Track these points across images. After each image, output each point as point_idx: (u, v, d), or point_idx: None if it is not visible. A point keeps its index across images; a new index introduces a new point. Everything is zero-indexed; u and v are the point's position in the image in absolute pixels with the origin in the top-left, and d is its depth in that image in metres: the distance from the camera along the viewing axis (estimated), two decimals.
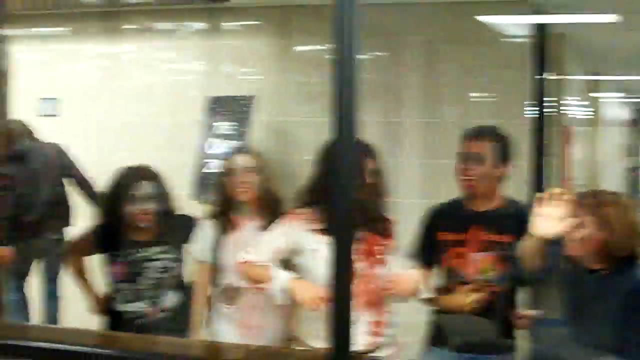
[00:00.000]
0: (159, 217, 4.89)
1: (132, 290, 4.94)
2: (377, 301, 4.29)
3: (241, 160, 4.79)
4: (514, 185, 5.00)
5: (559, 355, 3.78)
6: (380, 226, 4.35)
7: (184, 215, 5.07)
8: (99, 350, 3.85)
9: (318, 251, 4.14)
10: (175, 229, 4.96)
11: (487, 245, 4.24)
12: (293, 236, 4.30)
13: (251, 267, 4.31)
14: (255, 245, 4.38)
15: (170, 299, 5.04)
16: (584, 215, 3.72)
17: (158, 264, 4.93)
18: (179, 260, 4.97)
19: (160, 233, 4.94)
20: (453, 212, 4.42)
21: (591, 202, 3.76)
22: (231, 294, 4.75)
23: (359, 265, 4.14)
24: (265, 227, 4.61)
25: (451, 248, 4.29)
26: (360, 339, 4.11)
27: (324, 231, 4.13)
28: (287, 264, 4.40)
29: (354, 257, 2.79)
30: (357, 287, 4.07)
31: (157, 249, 4.89)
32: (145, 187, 4.88)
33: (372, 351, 4.25)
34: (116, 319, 4.99)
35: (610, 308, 3.66)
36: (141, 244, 4.91)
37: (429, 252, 4.41)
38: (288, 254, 4.36)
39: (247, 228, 4.74)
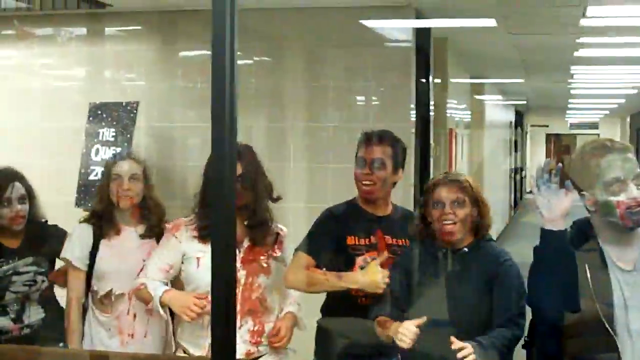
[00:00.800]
0: (29, 222, 4.80)
1: None
2: (259, 310, 4.31)
3: (125, 167, 4.69)
4: (401, 187, 5.07)
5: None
6: (263, 234, 4.35)
7: (55, 225, 4.96)
8: None
9: (202, 258, 4.20)
10: (45, 238, 4.83)
11: (391, 249, 4.26)
12: (179, 245, 4.31)
13: (138, 291, 4.31)
14: (144, 268, 4.36)
15: (35, 313, 4.92)
16: (463, 195, 3.94)
17: (25, 277, 4.80)
18: (46, 273, 4.81)
19: (30, 240, 4.81)
20: (356, 217, 4.37)
21: (457, 184, 3.97)
22: (108, 301, 4.63)
23: (241, 273, 4.22)
24: (145, 235, 4.64)
25: (366, 252, 4.25)
26: (240, 348, 4.16)
27: (206, 238, 4.21)
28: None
29: (236, 265, 2.78)
30: (239, 296, 4.15)
31: (25, 260, 4.75)
32: (18, 189, 4.78)
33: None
34: None
35: (479, 279, 3.87)
36: (9, 254, 4.78)
37: (335, 255, 4.29)
38: (179, 264, 4.34)
39: (127, 235, 4.67)
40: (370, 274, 4.05)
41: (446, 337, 3.71)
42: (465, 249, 3.93)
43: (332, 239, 4.31)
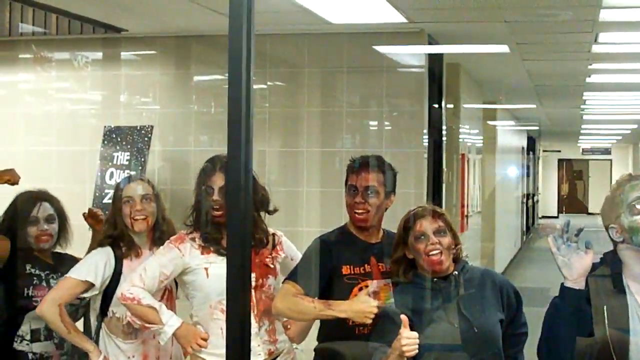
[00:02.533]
0: (60, 238, 4.86)
1: (46, 327, 4.83)
2: (271, 310, 4.34)
3: (136, 188, 4.68)
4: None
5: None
6: (265, 238, 4.44)
7: (71, 255, 4.99)
8: None
9: (209, 269, 4.29)
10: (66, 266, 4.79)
11: (385, 277, 4.24)
12: (182, 259, 4.34)
13: (138, 306, 4.29)
14: (141, 274, 4.34)
15: None
16: (444, 225, 3.94)
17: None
18: (82, 301, 4.79)
19: (62, 258, 4.89)
20: (350, 245, 4.29)
21: (436, 214, 3.97)
22: (131, 329, 4.57)
23: (252, 276, 4.24)
24: None
25: (361, 281, 4.19)
26: (260, 349, 4.32)
27: (212, 250, 4.31)
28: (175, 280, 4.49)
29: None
30: (253, 298, 4.20)
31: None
32: (46, 208, 4.84)
33: (273, 359, 4.38)
34: None
35: (484, 296, 3.92)
36: (45, 266, 4.84)
37: (330, 285, 4.22)
38: (175, 275, 4.40)
39: (145, 256, 4.62)
40: (360, 303, 3.99)
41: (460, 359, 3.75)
42: (456, 272, 3.94)
43: (326, 269, 4.23)
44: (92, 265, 4.58)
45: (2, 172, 4.91)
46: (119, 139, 7.24)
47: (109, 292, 4.59)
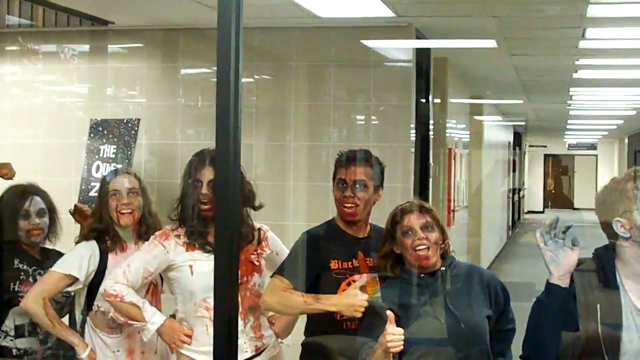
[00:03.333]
0: (50, 233, 4.84)
1: (31, 323, 4.81)
2: (256, 306, 4.36)
3: (123, 181, 4.66)
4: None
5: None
6: (251, 234, 4.43)
7: (56, 250, 4.97)
8: None
9: (193, 266, 4.29)
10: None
11: (372, 271, 4.23)
12: (166, 256, 4.33)
13: (122, 303, 4.28)
14: (125, 270, 4.32)
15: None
16: (432, 220, 3.96)
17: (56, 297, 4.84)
18: (68, 296, 4.79)
19: (49, 254, 4.88)
20: (338, 239, 4.29)
21: (424, 209, 3.99)
22: (116, 324, 4.54)
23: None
24: None
25: (349, 276, 4.17)
26: (247, 346, 4.34)
27: (197, 246, 4.30)
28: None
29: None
30: (239, 295, 4.16)
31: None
32: (37, 202, 4.83)
33: (259, 354, 4.39)
34: None
35: (470, 292, 3.94)
36: (33, 261, 4.82)
37: (318, 279, 4.21)
38: (159, 272, 4.40)
39: (131, 251, 4.60)
40: (349, 297, 3.98)
41: (447, 356, 3.76)
42: (443, 268, 3.94)
43: (314, 263, 4.22)
44: (77, 259, 4.56)
45: (0, 165, 4.89)
46: (105, 132, 7.21)
47: (93, 286, 4.57)
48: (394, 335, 3.60)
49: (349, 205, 4.22)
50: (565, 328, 3.37)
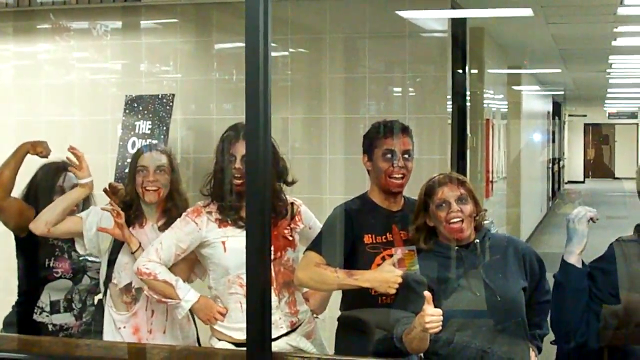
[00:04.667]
0: (84, 209, 4.84)
1: (66, 299, 4.85)
2: (290, 281, 4.34)
3: (150, 158, 4.65)
4: None
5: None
6: (284, 209, 4.40)
7: None
8: (19, 356, 3.79)
9: (226, 242, 4.27)
10: None
11: (407, 244, 4.18)
12: (199, 232, 4.31)
13: (155, 281, 4.28)
14: (157, 248, 4.33)
15: (90, 312, 4.97)
16: (465, 192, 3.92)
17: (94, 266, 4.87)
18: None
19: None
20: (372, 214, 4.26)
21: (458, 181, 3.95)
22: (128, 295, 4.58)
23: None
24: (164, 229, 4.53)
25: (383, 250, 4.16)
26: (282, 322, 4.32)
27: (229, 222, 4.28)
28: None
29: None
30: (273, 270, 4.12)
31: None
32: (70, 178, 4.85)
33: (294, 330, 4.37)
34: (29, 332, 4.86)
35: (507, 263, 3.90)
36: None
37: (352, 254, 4.20)
38: (192, 249, 4.38)
39: (149, 228, 4.62)
40: (383, 273, 3.95)
41: (484, 328, 3.72)
42: (477, 240, 3.90)
43: (348, 238, 4.20)
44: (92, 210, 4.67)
45: (36, 143, 4.88)
46: (140, 108, 7.20)
47: (112, 259, 4.59)
48: (432, 316, 3.55)
49: (399, 175, 4.20)
50: (587, 306, 3.37)
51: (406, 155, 4.21)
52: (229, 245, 4.25)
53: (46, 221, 4.53)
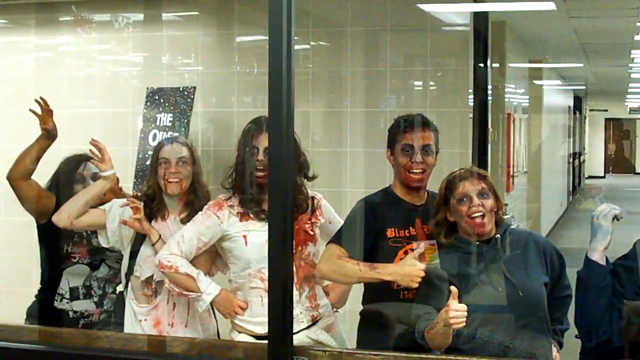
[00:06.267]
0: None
1: (84, 285, 4.88)
2: (311, 275, 4.34)
3: (172, 150, 4.66)
4: None
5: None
6: (305, 203, 4.40)
7: None
8: (40, 347, 3.81)
9: (248, 236, 4.28)
10: None
11: (430, 238, 4.17)
12: (220, 226, 4.32)
13: (177, 274, 4.29)
14: (179, 241, 4.33)
15: (110, 300, 4.99)
16: (487, 186, 3.90)
17: (114, 255, 4.90)
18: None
19: None
20: (395, 207, 4.25)
21: (478, 176, 3.94)
22: (149, 288, 4.61)
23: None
24: (186, 222, 4.55)
25: (406, 244, 4.15)
26: (303, 316, 4.32)
27: (251, 216, 4.29)
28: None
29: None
30: (294, 264, 4.14)
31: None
32: (90, 167, 4.90)
33: (315, 323, 4.38)
34: (51, 319, 4.90)
35: (528, 258, 3.89)
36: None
37: (374, 248, 4.19)
38: (213, 242, 4.39)
39: (171, 221, 4.64)
40: (406, 267, 3.93)
41: (505, 324, 3.71)
42: (498, 235, 3.88)
43: (370, 232, 4.19)
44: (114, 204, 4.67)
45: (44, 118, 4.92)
46: (161, 101, 7.21)
47: (134, 251, 4.62)
48: (456, 311, 3.53)
49: (417, 171, 4.19)
50: (611, 304, 3.36)
51: (425, 150, 4.19)
52: (251, 239, 4.25)
53: (69, 214, 4.55)
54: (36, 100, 4.88)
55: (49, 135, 4.85)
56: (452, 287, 3.59)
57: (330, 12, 7.59)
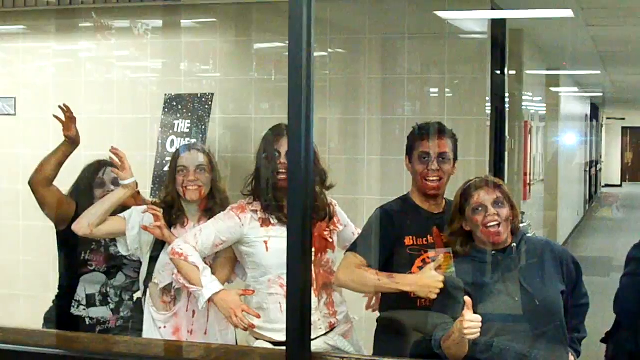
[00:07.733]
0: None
1: (101, 292, 4.89)
2: (329, 282, 4.34)
3: (191, 157, 4.66)
4: None
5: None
6: (324, 210, 4.40)
7: None
8: (58, 352, 3.82)
9: (268, 242, 4.28)
10: None
11: (446, 247, 4.16)
12: (240, 229, 4.32)
13: (185, 262, 4.27)
14: (196, 234, 4.34)
15: (127, 307, 5.00)
16: (502, 195, 3.88)
17: (133, 264, 4.90)
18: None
19: None
20: (413, 215, 4.24)
21: (494, 185, 3.92)
22: (167, 296, 4.59)
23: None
24: None
25: (424, 252, 4.13)
26: (321, 323, 4.32)
27: (272, 222, 4.29)
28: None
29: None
30: (312, 272, 4.14)
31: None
32: (109, 173, 4.91)
33: (332, 330, 4.37)
34: (68, 325, 4.92)
35: (545, 267, 3.87)
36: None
37: (392, 256, 4.18)
38: (231, 244, 4.39)
39: (189, 228, 4.61)
40: (425, 278, 3.92)
41: (522, 333, 3.71)
42: (514, 244, 3.87)
43: (388, 240, 4.18)
44: (135, 211, 4.67)
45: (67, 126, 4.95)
46: (179, 107, 7.24)
47: (153, 257, 4.62)
48: (471, 322, 3.53)
49: (433, 178, 4.18)
50: None
51: (442, 158, 4.19)
52: (272, 246, 4.25)
53: (89, 222, 4.55)
54: (60, 107, 4.89)
55: (71, 142, 4.88)
56: (466, 298, 3.58)
57: (347, 19, 7.61)
